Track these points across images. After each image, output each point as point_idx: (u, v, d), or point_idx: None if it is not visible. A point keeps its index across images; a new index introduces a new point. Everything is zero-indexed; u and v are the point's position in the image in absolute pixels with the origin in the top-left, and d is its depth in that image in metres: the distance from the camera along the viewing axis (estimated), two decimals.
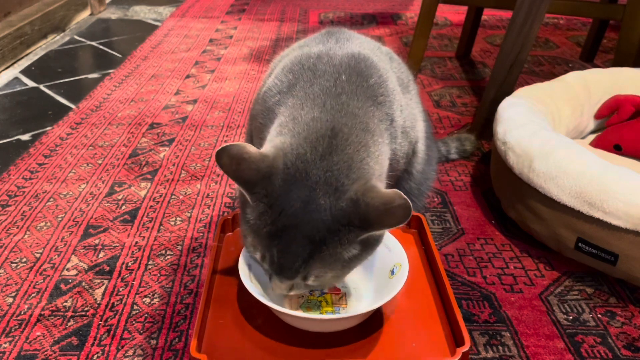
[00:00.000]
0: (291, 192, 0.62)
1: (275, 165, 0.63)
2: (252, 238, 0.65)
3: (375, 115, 0.72)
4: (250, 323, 0.71)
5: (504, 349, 0.84)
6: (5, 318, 0.89)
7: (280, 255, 0.62)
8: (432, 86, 1.83)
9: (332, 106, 0.69)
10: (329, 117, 0.68)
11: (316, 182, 0.62)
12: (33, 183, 1.26)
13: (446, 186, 1.27)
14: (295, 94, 0.73)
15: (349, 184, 0.62)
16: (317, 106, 0.69)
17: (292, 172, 0.63)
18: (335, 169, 0.63)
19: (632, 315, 0.90)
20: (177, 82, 1.87)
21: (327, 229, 0.61)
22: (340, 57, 0.76)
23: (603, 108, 1.33)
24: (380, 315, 0.73)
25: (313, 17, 2.68)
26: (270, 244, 0.63)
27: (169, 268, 1.00)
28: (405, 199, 0.59)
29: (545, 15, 1.41)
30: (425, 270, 0.81)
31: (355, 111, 0.69)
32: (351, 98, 0.70)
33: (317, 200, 0.62)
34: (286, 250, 0.62)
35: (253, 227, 0.64)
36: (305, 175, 0.62)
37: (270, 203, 0.62)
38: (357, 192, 0.62)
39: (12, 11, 2.12)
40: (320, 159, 0.63)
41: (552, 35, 2.38)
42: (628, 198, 0.87)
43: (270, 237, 0.62)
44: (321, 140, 0.65)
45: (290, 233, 0.62)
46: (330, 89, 0.71)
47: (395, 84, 0.81)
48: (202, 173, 1.31)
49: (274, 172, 0.63)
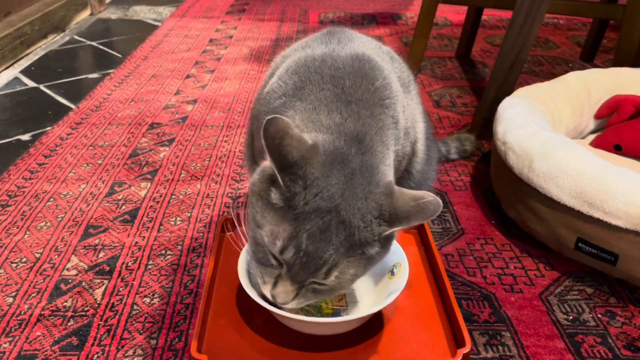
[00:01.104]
0: (329, 177, 0.61)
1: (315, 149, 0.62)
2: (275, 225, 0.61)
3: (384, 122, 0.72)
4: (250, 324, 0.71)
5: (504, 349, 0.84)
6: (5, 318, 0.89)
7: (310, 242, 0.59)
8: (432, 86, 1.83)
9: (349, 114, 0.69)
10: (350, 125, 0.68)
11: (353, 172, 0.62)
12: (33, 183, 1.26)
13: (446, 186, 1.27)
14: (304, 98, 0.72)
15: (379, 181, 0.64)
16: (333, 112, 0.69)
17: (330, 159, 0.62)
18: (368, 165, 0.64)
19: (632, 315, 0.90)
20: (177, 82, 1.87)
21: (362, 217, 0.61)
22: (344, 60, 0.76)
23: (603, 108, 1.33)
24: (381, 316, 0.72)
25: (313, 17, 2.68)
26: (299, 229, 0.59)
27: (169, 268, 1.00)
28: (434, 196, 0.61)
29: (545, 15, 1.41)
30: (425, 270, 0.81)
31: (369, 121, 0.70)
32: (361, 106, 0.71)
33: (354, 187, 0.62)
34: (318, 236, 0.59)
35: (279, 212, 0.60)
36: (343, 165, 0.62)
37: (306, 185, 0.60)
38: (388, 188, 0.63)
39: (12, 11, 2.12)
40: (355, 154, 0.64)
41: (552, 35, 2.38)
42: (628, 198, 0.87)
43: (301, 221, 0.59)
44: (350, 143, 0.65)
45: (325, 217, 0.59)
46: (340, 96, 0.71)
47: (398, 84, 0.81)
48: (202, 173, 1.31)
49: (314, 155, 0.61)
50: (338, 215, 0.60)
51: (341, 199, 0.61)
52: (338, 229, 0.60)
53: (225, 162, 1.36)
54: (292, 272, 0.61)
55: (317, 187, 0.60)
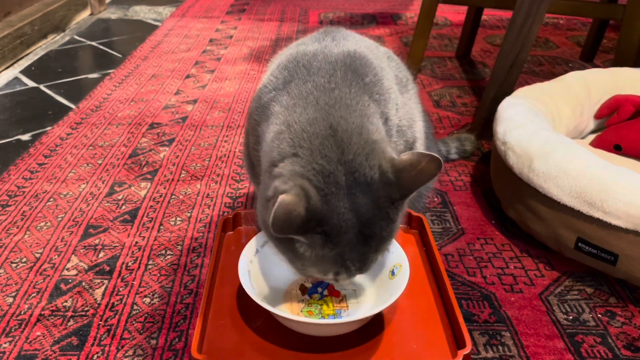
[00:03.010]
0: (336, 209, 0.62)
1: (308, 196, 0.62)
2: (319, 267, 0.65)
3: (371, 106, 0.72)
4: (250, 324, 0.71)
5: (504, 349, 0.84)
6: (5, 318, 0.88)
7: (353, 263, 0.64)
8: (432, 86, 1.83)
9: (326, 102, 0.69)
10: (323, 114, 0.67)
11: (349, 187, 0.63)
12: (33, 183, 1.26)
13: (446, 186, 1.27)
14: (290, 92, 0.72)
15: (372, 170, 0.64)
16: (310, 105, 0.69)
17: (324, 191, 0.63)
18: (357, 164, 0.64)
19: (632, 315, 0.90)
20: (177, 82, 1.87)
21: (381, 219, 0.64)
22: (336, 55, 0.76)
23: (603, 108, 1.33)
24: (381, 317, 0.72)
25: (313, 17, 2.68)
26: (342, 260, 0.64)
27: (169, 268, 1.00)
28: (431, 154, 0.63)
29: (545, 15, 1.40)
30: (426, 270, 0.81)
31: (348, 102, 0.69)
32: (344, 92, 0.70)
33: (359, 200, 0.63)
34: (358, 258, 0.64)
35: (316, 259, 0.64)
36: (336, 188, 0.63)
37: (325, 230, 0.62)
38: (383, 171, 0.64)
39: (12, 11, 2.12)
40: (338, 163, 0.64)
41: (552, 35, 2.38)
42: (628, 198, 0.87)
43: (340, 256, 0.64)
44: (327, 144, 0.65)
45: (352, 241, 0.63)
46: (324, 85, 0.71)
47: (392, 82, 0.80)
48: (202, 173, 1.31)
49: (311, 202, 0.62)
50: (363, 234, 0.63)
51: (357, 219, 0.63)
52: (368, 243, 0.64)
53: (225, 162, 1.36)
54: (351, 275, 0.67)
55: (335, 225, 0.62)
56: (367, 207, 0.63)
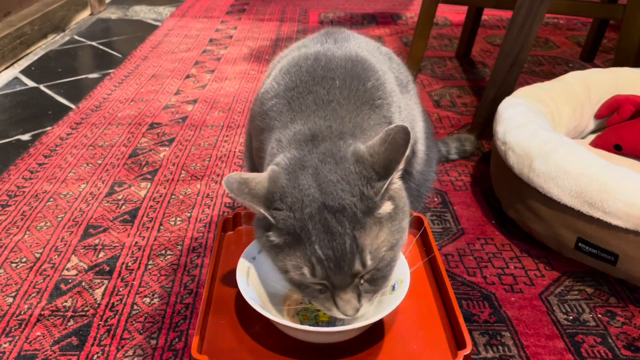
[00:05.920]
0: (300, 185, 0.61)
1: (274, 172, 0.63)
2: (291, 259, 0.61)
3: (371, 117, 0.72)
4: (251, 324, 0.71)
5: (504, 349, 0.84)
6: (5, 318, 0.89)
7: (325, 248, 0.59)
8: (432, 86, 1.83)
9: (319, 115, 0.69)
10: (310, 125, 0.68)
11: (315, 167, 0.63)
12: (33, 183, 1.26)
13: (446, 186, 1.27)
14: (291, 104, 0.72)
15: (342, 152, 0.64)
16: (308, 121, 0.69)
17: (291, 169, 0.63)
18: (327, 149, 0.64)
19: (632, 315, 0.90)
20: (177, 82, 1.87)
21: (350, 193, 0.60)
22: (338, 60, 0.76)
23: (603, 108, 1.33)
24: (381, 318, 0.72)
25: (313, 17, 2.68)
26: (309, 245, 0.60)
27: (169, 268, 1.00)
28: (395, 125, 0.62)
29: (545, 15, 1.40)
30: (426, 270, 0.81)
31: (343, 114, 0.69)
32: (341, 104, 0.70)
33: (326, 177, 0.61)
34: (327, 238, 0.59)
35: (286, 247, 0.61)
36: (301, 168, 0.63)
37: (288, 203, 0.61)
38: (355, 151, 0.63)
39: (12, 11, 2.12)
40: (309, 153, 0.65)
41: (552, 35, 2.38)
42: (628, 198, 0.87)
43: (305, 238, 0.60)
44: (303, 141, 0.67)
45: (320, 218, 0.60)
46: (323, 98, 0.71)
47: (394, 85, 0.80)
48: (202, 173, 1.31)
49: (277, 177, 0.62)
50: (329, 209, 0.60)
51: (321, 193, 0.61)
52: (338, 219, 0.60)
53: (225, 162, 1.36)
54: (337, 283, 0.61)
55: (296, 198, 0.61)
56: (333, 182, 0.61)
